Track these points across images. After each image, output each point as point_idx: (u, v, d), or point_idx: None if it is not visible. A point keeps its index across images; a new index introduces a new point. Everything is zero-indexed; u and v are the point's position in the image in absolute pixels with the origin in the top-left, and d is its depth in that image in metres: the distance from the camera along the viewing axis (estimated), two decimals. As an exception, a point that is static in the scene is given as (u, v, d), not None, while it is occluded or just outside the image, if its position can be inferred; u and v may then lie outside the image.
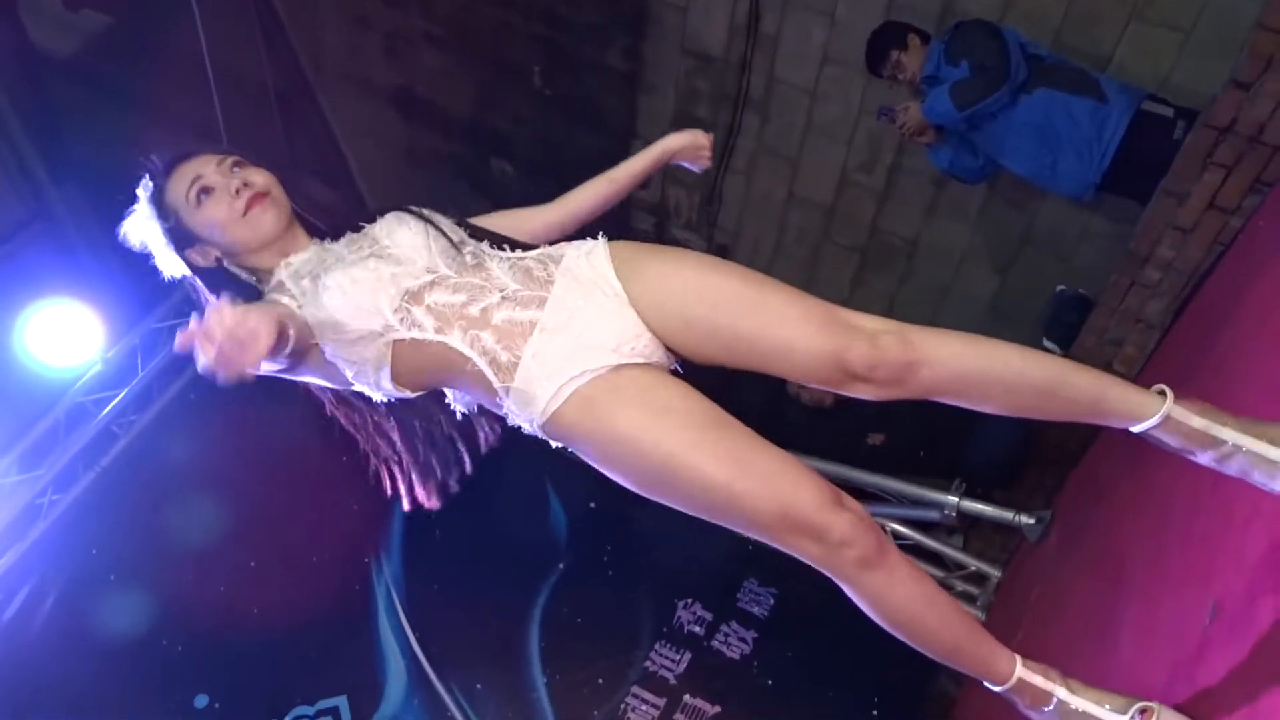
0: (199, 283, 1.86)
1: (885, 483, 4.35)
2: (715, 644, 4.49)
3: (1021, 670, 1.65)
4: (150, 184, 1.86)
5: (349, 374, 1.76)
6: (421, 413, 1.89)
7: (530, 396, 1.68)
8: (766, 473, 1.61)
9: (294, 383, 1.94)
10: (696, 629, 4.52)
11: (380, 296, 1.71)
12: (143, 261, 1.93)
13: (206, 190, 1.81)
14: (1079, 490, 3.76)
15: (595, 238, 1.85)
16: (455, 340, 1.70)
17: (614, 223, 5.77)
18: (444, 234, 1.83)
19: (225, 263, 1.84)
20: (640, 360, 1.71)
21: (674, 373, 1.78)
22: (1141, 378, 3.54)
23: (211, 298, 1.82)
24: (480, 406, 1.84)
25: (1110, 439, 3.71)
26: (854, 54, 4.07)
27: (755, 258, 5.15)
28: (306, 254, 1.83)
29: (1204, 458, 1.65)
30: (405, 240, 1.81)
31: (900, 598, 1.62)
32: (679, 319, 1.72)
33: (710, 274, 1.75)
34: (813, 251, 4.99)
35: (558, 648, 4.47)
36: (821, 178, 4.71)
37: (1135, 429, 1.65)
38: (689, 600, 4.54)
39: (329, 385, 1.83)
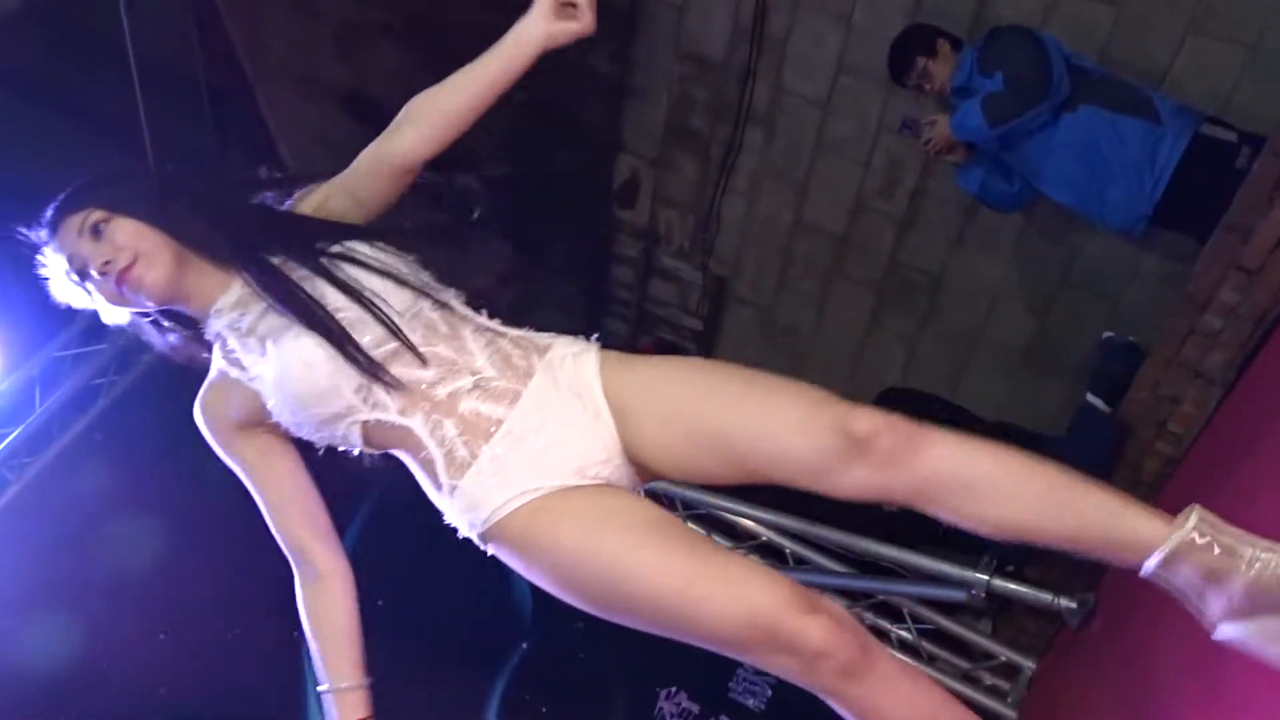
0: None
1: (903, 556, 4.29)
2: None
3: None
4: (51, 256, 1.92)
5: (314, 441, 1.86)
6: None
7: (476, 501, 1.76)
8: (726, 577, 1.63)
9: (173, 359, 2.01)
10: (681, 723, 4.46)
11: (338, 377, 1.76)
12: (45, 281, 1.95)
13: (81, 272, 1.85)
14: (1128, 571, 3.73)
15: (588, 338, 1.91)
16: (417, 425, 1.78)
17: (596, 249, 5.77)
18: (400, 280, 1.83)
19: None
20: (601, 483, 1.78)
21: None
22: (1204, 438, 3.52)
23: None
24: None
25: (1163, 510, 3.68)
26: (873, 63, 4.09)
27: (756, 291, 5.15)
28: (232, 294, 1.86)
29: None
30: (360, 296, 1.80)
31: (893, 707, 1.62)
32: (660, 423, 1.78)
33: (697, 378, 1.82)
34: (822, 286, 4.98)
35: (519, 741, 4.39)
36: (834, 202, 4.71)
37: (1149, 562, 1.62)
38: (673, 689, 4.47)
39: None
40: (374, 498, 1.99)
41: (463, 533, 1.83)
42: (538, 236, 5.43)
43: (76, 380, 4.31)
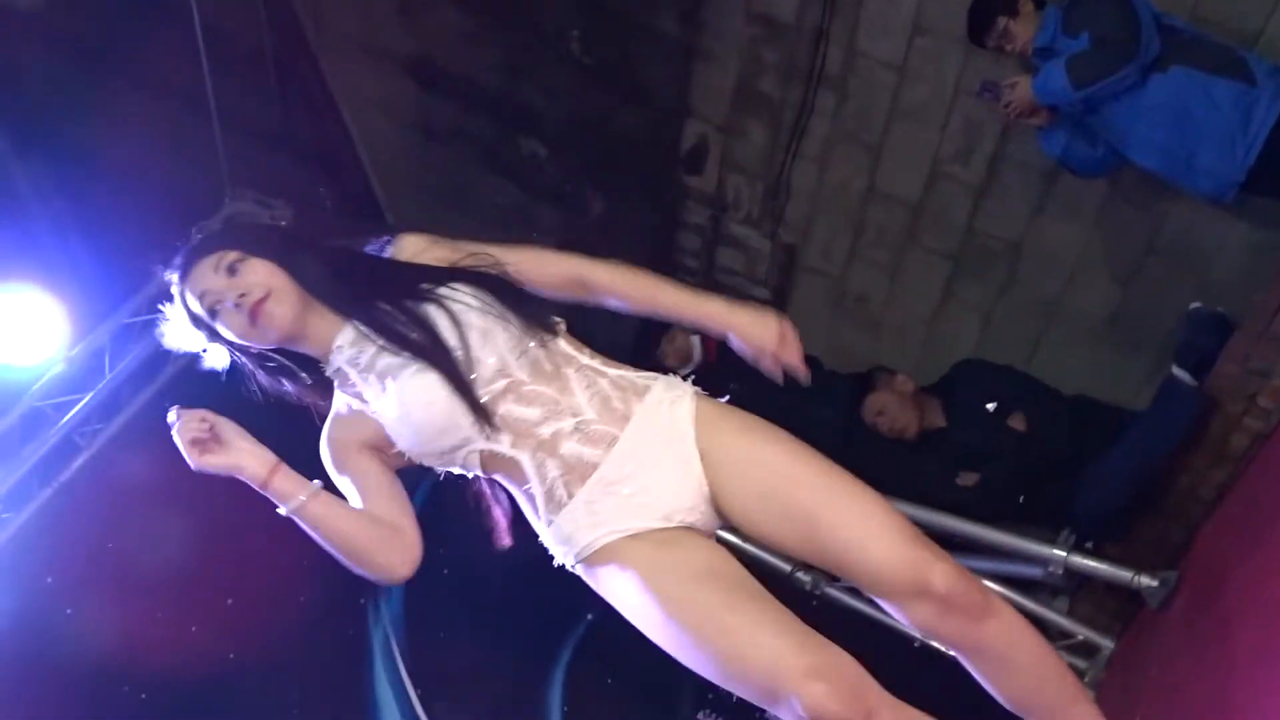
0: (250, 366, 2.13)
1: (978, 531, 4.27)
2: (771, 714, 4.43)
3: None
4: (178, 298, 2.13)
5: (436, 469, 2.07)
6: None
7: (568, 537, 1.97)
8: (750, 644, 1.83)
9: (285, 399, 2.17)
10: (748, 696, 4.47)
11: (456, 413, 1.94)
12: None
13: (214, 308, 2.04)
14: (1213, 548, 3.68)
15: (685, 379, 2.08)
16: (525, 460, 1.96)
17: (663, 216, 5.74)
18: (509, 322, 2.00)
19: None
20: (683, 528, 1.97)
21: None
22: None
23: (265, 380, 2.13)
24: None
25: (1252, 486, 3.63)
26: (950, 22, 4.02)
27: (827, 261, 5.11)
28: (347, 334, 2.05)
29: None
30: (469, 337, 1.98)
31: None
32: (755, 497, 1.97)
33: (799, 460, 1.98)
34: (895, 256, 4.93)
35: (583, 713, 4.43)
36: (908, 168, 4.66)
37: None
38: (740, 662, 4.49)
39: None
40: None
41: (557, 561, 2.03)
42: (603, 203, 5.43)
43: (146, 347, 4.39)
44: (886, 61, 4.44)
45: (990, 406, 4.27)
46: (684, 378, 2.10)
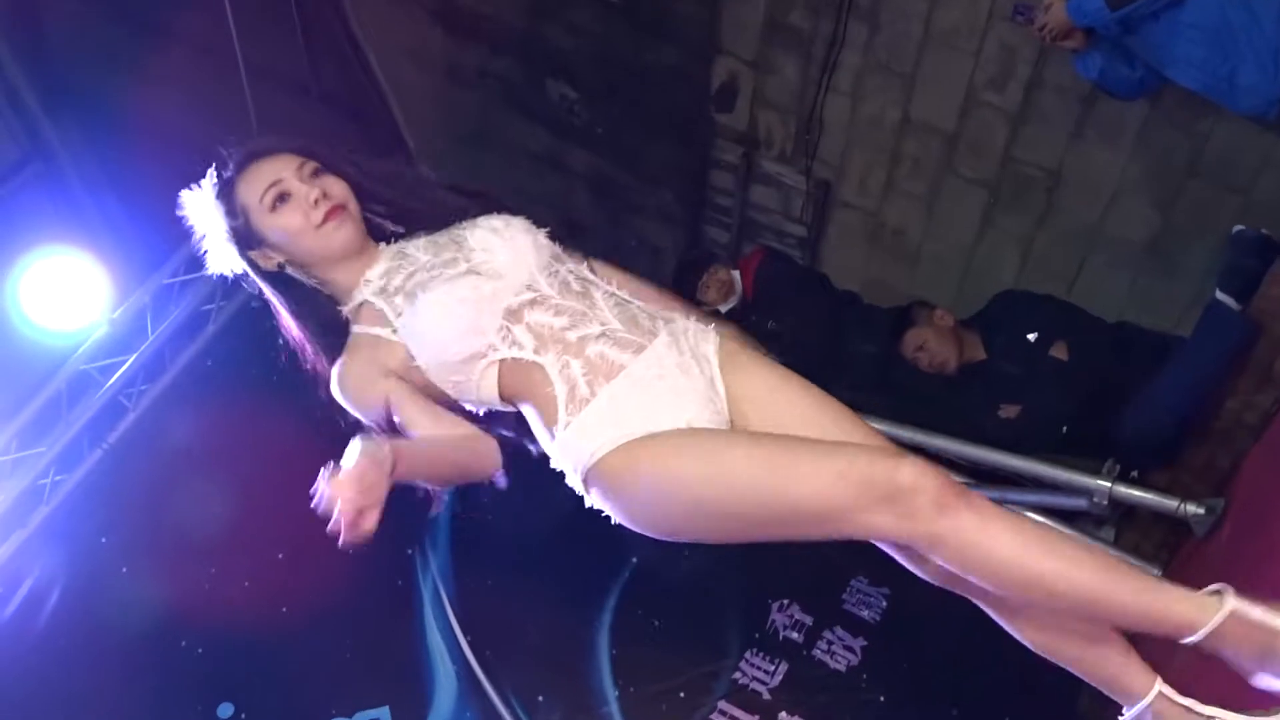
0: (261, 283, 2.11)
1: (1022, 464, 4.28)
2: (817, 653, 4.48)
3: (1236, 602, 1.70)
4: (219, 177, 2.08)
5: (449, 391, 1.99)
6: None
7: (586, 435, 1.88)
8: (813, 449, 1.78)
9: (327, 354, 2.11)
10: (794, 635, 4.51)
11: (484, 316, 1.94)
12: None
13: (284, 196, 2.02)
14: (1259, 473, 3.67)
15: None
16: (549, 363, 1.92)
17: (695, 155, 5.71)
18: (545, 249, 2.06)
19: (288, 268, 2.08)
20: None
21: None
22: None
23: (276, 301, 2.11)
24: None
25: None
26: (983, -55, 3.98)
27: (863, 195, 5.10)
28: (382, 265, 2.07)
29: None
30: (501, 252, 2.02)
31: (1005, 545, 1.67)
32: (758, 413, 1.94)
33: (808, 389, 1.98)
34: (932, 187, 4.91)
35: (631, 655, 4.49)
36: (943, 97, 4.63)
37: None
38: (785, 602, 4.53)
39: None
40: (482, 421, 2.08)
41: (568, 477, 1.95)
42: (635, 143, 5.43)
43: (186, 307, 4.47)
44: (918, -12, 4.41)
45: (1031, 337, 4.25)
46: (726, 313, 2.11)
